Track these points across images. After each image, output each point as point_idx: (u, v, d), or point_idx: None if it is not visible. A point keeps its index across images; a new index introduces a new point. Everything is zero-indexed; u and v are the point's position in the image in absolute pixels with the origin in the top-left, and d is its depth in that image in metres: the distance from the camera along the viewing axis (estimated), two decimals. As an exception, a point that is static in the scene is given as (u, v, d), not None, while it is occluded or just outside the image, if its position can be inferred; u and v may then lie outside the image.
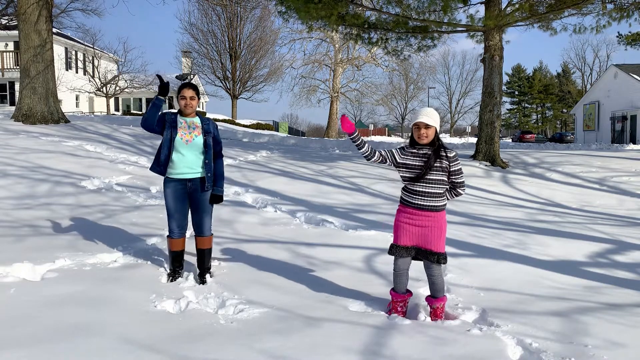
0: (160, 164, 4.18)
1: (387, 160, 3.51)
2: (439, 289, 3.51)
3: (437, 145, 3.44)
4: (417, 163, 3.43)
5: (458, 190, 3.54)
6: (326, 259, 4.90)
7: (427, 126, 3.38)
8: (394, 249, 3.53)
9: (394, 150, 3.53)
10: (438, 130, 3.46)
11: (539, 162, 11.93)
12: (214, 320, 3.39)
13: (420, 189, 3.42)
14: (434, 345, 3.01)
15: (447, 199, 3.55)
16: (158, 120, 4.14)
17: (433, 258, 3.44)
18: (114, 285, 3.89)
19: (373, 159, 3.52)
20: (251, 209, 6.91)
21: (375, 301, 3.81)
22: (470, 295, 4.00)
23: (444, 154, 3.43)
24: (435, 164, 3.40)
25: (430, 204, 3.43)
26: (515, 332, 3.20)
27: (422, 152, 3.44)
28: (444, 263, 3.47)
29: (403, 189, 3.56)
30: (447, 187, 3.51)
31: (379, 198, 7.90)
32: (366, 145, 3.50)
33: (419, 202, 3.44)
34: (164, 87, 4.14)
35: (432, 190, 3.42)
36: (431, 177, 3.40)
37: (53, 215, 6.08)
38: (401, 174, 3.51)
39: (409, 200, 3.48)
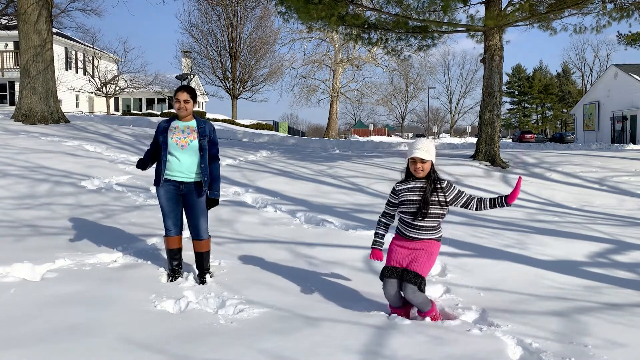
0: (158, 175, 4.17)
1: (394, 214, 3.61)
2: (422, 305, 3.44)
3: (432, 178, 3.43)
4: (414, 198, 3.43)
5: (474, 206, 3.49)
6: (326, 259, 4.90)
7: (422, 160, 3.38)
8: (382, 271, 3.52)
9: (389, 200, 3.58)
10: (434, 162, 3.45)
11: (539, 162, 11.93)
12: (214, 320, 3.39)
13: (417, 223, 3.43)
14: (434, 345, 3.01)
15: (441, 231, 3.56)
16: (154, 141, 4.25)
17: (416, 280, 3.35)
18: (114, 285, 3.89)
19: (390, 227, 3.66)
20: (251, 209, 6.91)
21: (375, 301, 3.81)
22: (470, 295, 4.00)
23: (439, 186, 3.43)
24: (432, 199, 3.39)
25: (425, 237, 3.46)
26: (515, 332, 3.20)
27: (418, 185, 3.44)
28: (421, 289, 3.38)
29: (400, 220, 3.56)
30: (442, 219, 3.50)
31: (379, 198, 7.90)
32: (385, 235, 3.63)
33: (414, 236, 3.47)
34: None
35: (429, 224, 3.44)
36: (429, 212, 3.40)
37: (53, 215, 6.08)
38: (400, 211, 3.52)
39: (405, 232, 3.51)
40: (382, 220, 3.65)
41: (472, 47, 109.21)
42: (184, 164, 4.11)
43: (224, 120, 32.87)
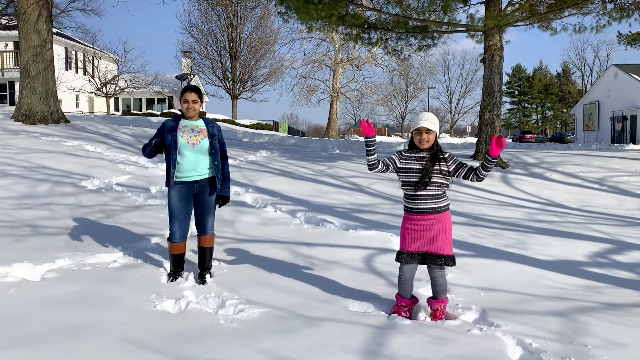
0: (171, 175, 4.15)
1: (390, 167, 3.52)
2: (441, 290, 3.50)
3: (435, 149, 3.46)
4: (416, 166, 3.45)
5: (474, 173, 3.46)
6: (326, 259, 4.90)
7: (428, 131, 3.40)
8: (400, 256, 3.53)
9: (393, 156, 3.55)
10: (438, 134, 3.47)
11: (539, 162, 11.93)
12: (214, 320, 3.39)
13: (420, 193, 3.44)
14: (434, 345, 3.01)
15: (448, 197, 3.55)
16: (158, 133, 4.23)
17: (441, 261, 3.43)
18: (114, 285, 3.89)
19: (377, 169, 3.53)
20: (251, 209, 6.91)
21: (375, 301, 3.81)
22: (470, 295, 4.00)
23: (441, 157, 3.45)
24: (434, 167, 3.42)
25: (432, 206, 3.44)
26: (515, 332, 3.20)
27: (420, 155, 3.46)
28: (452, 265, 3.47)
29: (404, 196, 3.56)
30: (446, 188, 3.51)
31: (378, 198, 7.90)
32: (375, 154, 3.51)
33: (421, 207, 3.45)
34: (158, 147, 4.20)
35: (432, 193, 3.43)
36: (431, 180, 3.41)
37: (53, 215, 6.08)
38: (402, 179, 3.51)
39: (411, 206, 3.50)
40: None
41: (472, 47, 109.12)
42: (195, 163, 4.15)
43: (224, 120, 32.85)
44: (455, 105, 72.05)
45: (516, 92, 74.74)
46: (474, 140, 31.65)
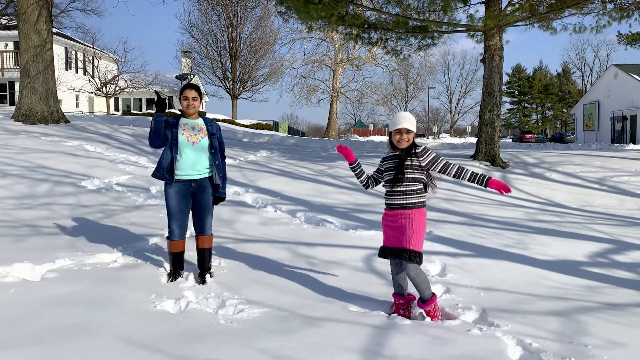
0: (163, 169, 4.12)
1: (379, 181, 3.75)
2: (423, 289, 3.46)
3: (409, 146, 3.55)
4: (392, 165, 3.57)
5: (452, 174, 3.53)
6: (326, 259, 4.90)
7: (408, 131, 3.50)
8: (379, 251, 3.68)
9: (378, 167, 3.73)
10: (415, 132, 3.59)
11: (539, 162, 11.93)
12: (214, 320, 3.39)
13: (396, 189, 3.53)
14: (434, 345, 3.01)
15: (426, 191, 3.61)
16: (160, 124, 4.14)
17: (405, 255, 3.40)
18: (114, 285, 3.89)
19: (370, 188, 3.83)
20: (251, 209, 6.91)
21: (375, 301, 3.81)
22: (470, 295, 4.00)
23: (414, 152, 3.53)
24: (407, 163, 3.50)
25: (405, 201, 3.51)
26: (515, 332, 3.20)
27: (396, 154, 3.57)
28: (417, 262, 3.40)
29: (384, 193, 3.68)
30: (422, 184, 3.56)
31: (379, 198, 7.90)
32: (363, 175, 3.77)
33: (395, 202, 3.54)
34: (161, 103, 4.11)
35: (405, 188, 3.51)
36: (405, 177, 3.50)
37: (53, 215, 6.07)
38: (384, 182, 3.66)
39: (387, 202, 3.62)
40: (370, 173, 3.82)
41: (472, 47, 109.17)
42: (195, 161, 4.14)
43: (224, 120, 32.87)
44: (455, 105, 72.11)
45: (516, 92, 74.71)
46: (474, 140, 31.64)
